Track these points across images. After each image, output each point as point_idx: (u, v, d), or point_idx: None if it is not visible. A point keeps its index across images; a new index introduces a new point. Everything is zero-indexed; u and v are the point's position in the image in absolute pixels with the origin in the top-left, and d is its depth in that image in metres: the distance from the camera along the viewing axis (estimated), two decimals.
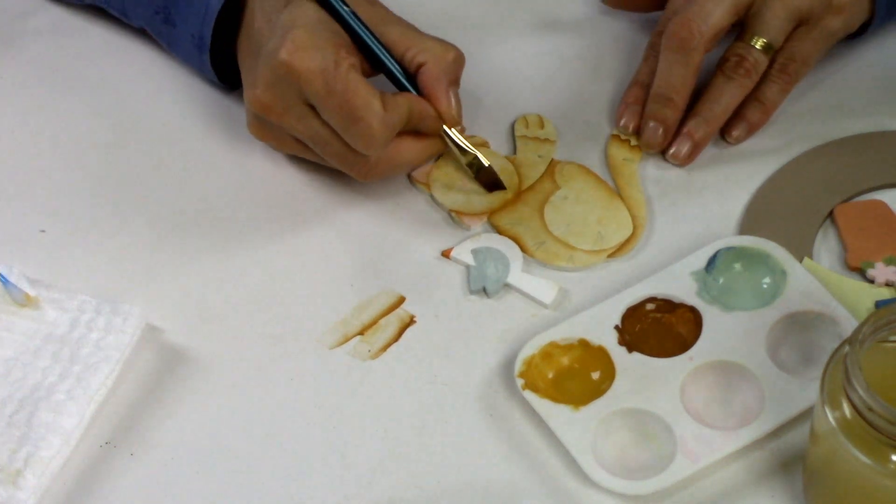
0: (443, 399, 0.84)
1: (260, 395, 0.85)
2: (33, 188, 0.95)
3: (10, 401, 0.82)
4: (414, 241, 0.91)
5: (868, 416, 0.69)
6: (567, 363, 0.84)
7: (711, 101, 0.92)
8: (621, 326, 0.84)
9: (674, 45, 0.91)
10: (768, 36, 0.92)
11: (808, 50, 0.93)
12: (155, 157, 0.96)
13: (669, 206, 0.92)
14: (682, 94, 0.92)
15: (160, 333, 0.87)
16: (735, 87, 0.92)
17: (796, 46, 0.93)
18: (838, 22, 0.93)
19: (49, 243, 0.92)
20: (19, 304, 0.86)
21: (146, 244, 0.92)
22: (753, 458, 0.80)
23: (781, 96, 0.94)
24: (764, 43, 0.92)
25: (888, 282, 0.87)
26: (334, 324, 0.87)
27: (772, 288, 0.85)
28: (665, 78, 0.92)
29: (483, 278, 0.89)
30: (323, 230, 0.92)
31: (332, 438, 0.82)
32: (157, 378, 0.85)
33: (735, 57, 0.92)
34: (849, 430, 0.71)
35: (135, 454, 0.82)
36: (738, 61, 0.92)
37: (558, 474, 0.80)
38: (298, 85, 0.86)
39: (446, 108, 0.90)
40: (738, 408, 0.81)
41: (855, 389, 0.69)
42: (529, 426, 0.82)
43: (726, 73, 0.92)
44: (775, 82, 0.93)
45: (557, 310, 0.87)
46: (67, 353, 0.84)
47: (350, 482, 0.81)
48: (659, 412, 0.80)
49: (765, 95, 0.94)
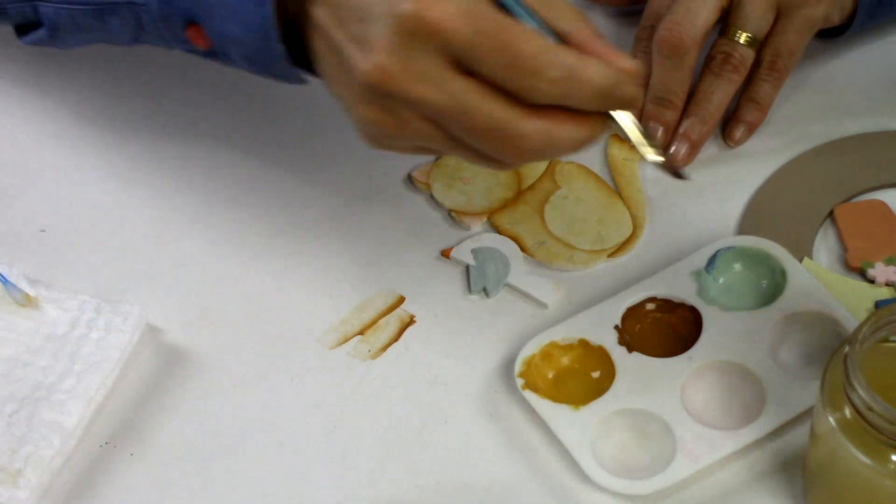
0: (443, 399, 0.84)
1: (260, 395, 0.85)
2: (33, 188, 0.95)
3: (10, 400, 0.82)
4: (414, 241, 0.91)
5: (868, 416, 0.69)
6: (567, 363, 0.84)
7: (703, 101, 0.93)
8: (621, 326, 0.84)
9: (666, 52, 0.91)
10: (751, 29, 0.92)
11: (793, 42, 0.94)
12: (155, 156, 0.96)
13: (669, 206, 0.92)
14: (679, 95, 0.93)
15: (160, 333, 0.87)
16: (724, 83, 0.93)
17: (780, 40, 0.93)
18: (819, 10, 0.93)
19: (49, 243, 0.92)
20: (19, 304, 0.86)
21: (146, 244, 0.92)
22: (753, 458, 0.80)
23: (774, 92, 0.94)
24: (748, 37, 0.92)
25: (888, 282, 0.87)
26: (334, 324, 0.87)
27: (772, 288, 0.85)
28: (661, 81, 0.92)
29: (483, 278, 0.89)
30: (323, 230, 0.92)
31: (332, 438, 0.83)
32: (156, 378, 0.85)
33: (721, 54, 0.93)
34: (849, 430, 0.71)
35: (135, 454, 0.82)
36: (724, 58, 0.92)
37: (558, 474, 0.80)
38: (438, 37, 0.71)
39: (631, 64, 0.73)
40: (738, 408, 0.81)
41: (855, 389, 0.69)
42: (529, 426, 0.82)
43: (714, 71, 0.93)
44: (766, 80, 0.94)
45: (557, 310, 0.87)
46: (67, 352, 0.84)
47: (350, 482, 0.81)
48: (659, 412, 0.80)
49: (758, 94, 0.94)
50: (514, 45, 0.70)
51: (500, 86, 0.72)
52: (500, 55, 0.70)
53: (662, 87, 0.93)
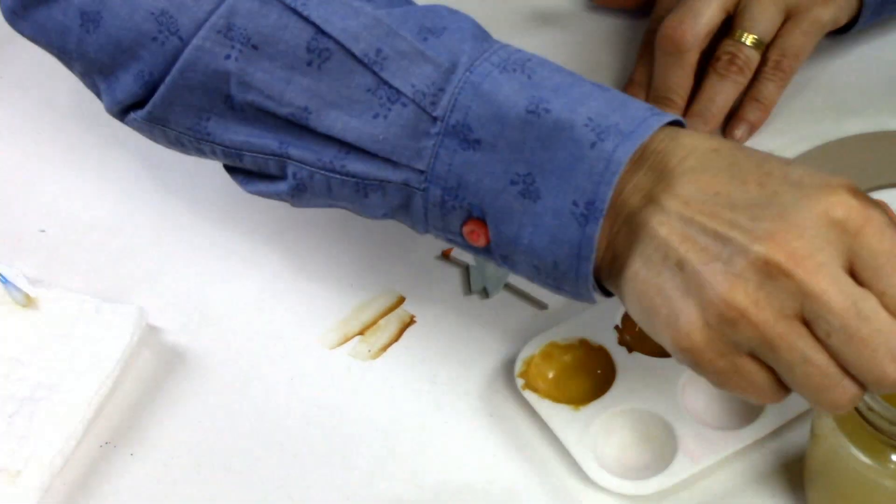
0: (443, 399, 0.84)
1: (260, 395, 0.85)
2: (33, 188, 0.95)
3: (10, 400, 0.82)
4: (414, 241, 0.91)
5: (868, 416, 0.69)
6: (567, 363, 0.84)
7: (707, 101, 0.93)
8: (621, 326, 0.84)
9: (668, 49, 0.91)
10: (757, 31, 0.92)
11: (799, 44, 0.94)
12: (155, 156, 0.96)
13: None
14: (681, 94, 0.93)
15: (160, 333, 0.87)
16: (729, 84, 0.93)
17: (787, 41, 0.93)
18: (827, 13, 0.93)
19: (49, 243, 0.92)
20: (19, 305, 0.86)
21: (146, 244, 0.92)
22: (753, 458, 0.80)
23: (778, 93, 0.94)
24: (754, 39, 0.92)
25: None
26: (334, 324, 0.87)
27: None
28: (663, 80, 0.93)
29: (483, 278, 0.89)
30: (323, 230, 0.92)
31: (332, 438, 0.82)
32: (156, 378, 0.85)
33: (726, 55, 0.93)
34: (849, 430, 0.70)
35: (135, 454, 0.82)
36: (729, 59, 0.92)
37: (558, 474, 0.80)
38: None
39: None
40: (739, 408, 0.81)
41: None
42: (529, 426, 0.82)
43: (719, 72, 0.93)
44: (771, 80, 0.94)
45: (557, 310, 0.87)
46: (67, 352, 0.84)
47: (350, 482, 0.81)
48: (659, 412, 0.80)
49: (762, 94, 0.94)
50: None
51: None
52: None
53: (664, 86, 0.93)
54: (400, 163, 0.72)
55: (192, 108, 0.77)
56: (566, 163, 0.68)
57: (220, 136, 0.77)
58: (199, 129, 0.77)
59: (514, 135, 0.69)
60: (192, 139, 0.78)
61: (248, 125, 0.76)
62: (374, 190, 0.74)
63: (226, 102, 0.76)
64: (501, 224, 0.70)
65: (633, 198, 0.68)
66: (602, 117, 0.69)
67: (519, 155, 0.69)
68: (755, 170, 0.66)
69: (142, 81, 0.77)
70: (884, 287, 0.64)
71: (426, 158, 0.71)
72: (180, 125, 0.78)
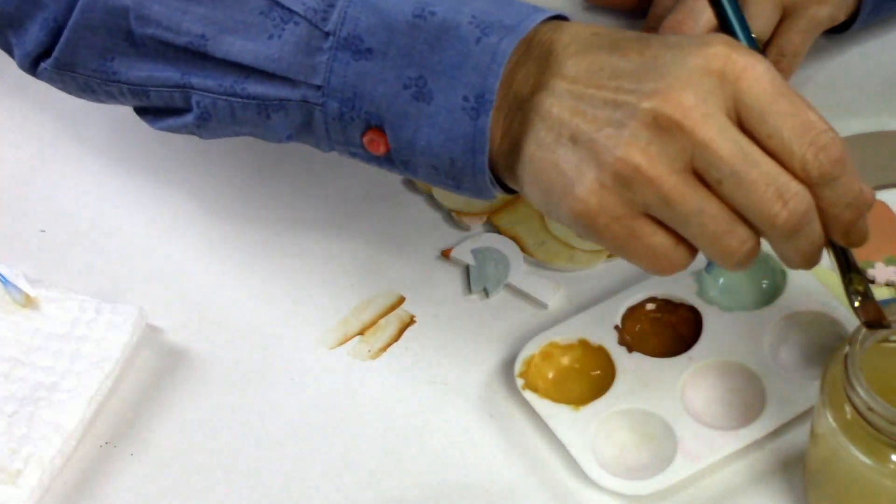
0: (443, 399, 0.84)
1: (260, 395, 0.85)
2: (33, 188, 0.95)
3: (10, 400, 0.82)
4: (414, 241, 0.91)
5: (868, 416, 0.69)
6: (567, 363, 0.84)
7: None
8: (621, 326, 0.84)
9: None
10: (755, 30, 0.92)
11: (797, 42, 0.93)
12: (155, 157, 0.96)
13: None
14: None
15: (160, 333, 0.87)
16: None
17: (786, 40, 0.93)
18: (824, 11, 0.93)
19: (49, 243, 0.92)
20: (19, 305, 0.86)
21: (146, 244, 0.92)
22: (753, 458, 0.80)
23: None
24: None
25: (888, 282, 0.87)
26: (334, 324, 0.87)
27: (772, 288, 0.85)
28: None
29: (483, 278, 0.89)
30: (323, 230, 0.92)
31: (332, 438, 0.82)
32: (156, 378, 0.85)
33: None
34: (849, 430, 0.70)
35: (135, 454, 0.82)
36: None
37: (558, 474, 0.80)
38: (732, 89, 0.67)
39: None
40: (739, 408, 0.81)
41: (855, 389, 0.69)
42: (529, 426, 0.82)
43: None
44: None
45: (557, 310, 0.87)
46: (67, 352, 0.84)
47: (350, 482, 0.81)
48: (659, 412, 0.80)
49: None
50: (802, 103, 0.69)
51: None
52: (791, 113, 0.68)
53: None
54: (297, 80, 0.74)
55: (96, 49, 0.79)
56: (454, 61, 0.71)
57: (125, 74, 0.79)
58: (104, 69, 0.79)
59: (403, 40, 0.72)
60: (99, 82, 0.80)
61: (151, 60, 0.78)
62: (275, 110, 0.76)
63: (127, 39, 0.78)
64: (398, 129, 0.73)
65: (523, 87, 0.71)
66: (486, 14, 0.72)
67: (409, 59, 0.72)
68: (635, 43, 0.70)
69: (47, 29, 0.79)
70: (770, 130, 0.67)
71: (322, 73, 0.74)
72: (87, 68, 0.80)
